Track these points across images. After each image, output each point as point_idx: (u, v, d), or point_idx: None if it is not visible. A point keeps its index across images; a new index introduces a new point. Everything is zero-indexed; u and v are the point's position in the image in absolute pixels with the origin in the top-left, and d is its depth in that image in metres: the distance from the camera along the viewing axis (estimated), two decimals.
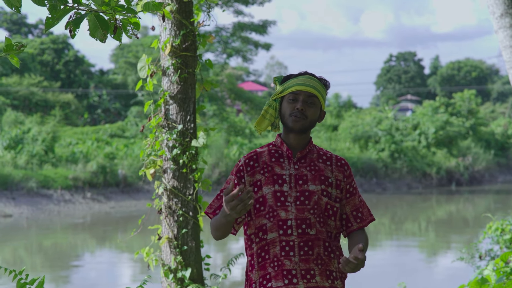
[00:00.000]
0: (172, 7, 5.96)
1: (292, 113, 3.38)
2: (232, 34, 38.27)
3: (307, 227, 3.34)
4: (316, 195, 3.37)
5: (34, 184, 27.09)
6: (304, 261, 3.33)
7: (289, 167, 3.41)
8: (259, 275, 3.38)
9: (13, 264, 17.53)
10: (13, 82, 45.84)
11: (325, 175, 3.42)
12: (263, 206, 3.37)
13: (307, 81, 3.42)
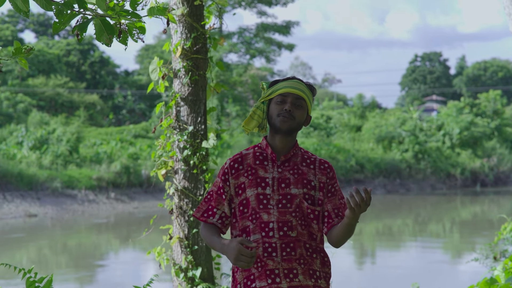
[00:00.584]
0: (183, 10, 6.05)
1: (280, 114, 3.43)
2: (256, 35, 38.38)
3: (288, 229, 3.39)
4: (298, 198, 3.43)
5: (58, 184, 27.35)
6: (286, 261, 3.39)
7: (272, 170, 3.46)
8: (243, 276, 3.44)
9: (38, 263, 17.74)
10: (39, 83, 46.29)
11: (308, 178, 3.47)
12: (246, 208, 3.44)
13: (295, 84, 3.49)
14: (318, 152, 35.90)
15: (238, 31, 38.73)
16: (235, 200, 3.48)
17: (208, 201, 3.52)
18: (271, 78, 75.33)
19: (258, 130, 3.59)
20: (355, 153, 37.05)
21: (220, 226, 3.50)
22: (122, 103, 50.15)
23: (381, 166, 36.77)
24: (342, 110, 48.05)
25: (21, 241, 20.99)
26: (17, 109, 42.31)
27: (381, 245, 20.15)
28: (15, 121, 39.60)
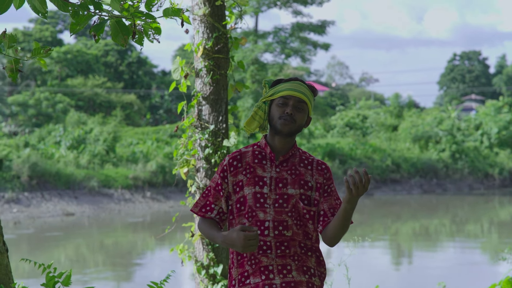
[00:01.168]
0: (204, 10, 6.14)
1: (282, 117, 3.46)
2: (291, 35, 38.41)
3: (283, 229, 3.43)
4: (294, 198, 3.46)
5: (95, 184, 27.67)
6: (280, 258, 3.44)
7: (270, 170, 3.49)
8: (238, 272, 3.49)
9: (76, 261, 17.99)
10: (78, 83, 46.88)
11: (305, 179, 3.51)
12: (243, 206, 3.48)
13: (297, 86, 3.52)
14: (354, 152, 35.79)
15: (274, 30, 38.78)
16: (233, 197, 3.52)
17: (206, 197, 3.55)
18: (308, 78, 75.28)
19: (259, 131, 3.63)
20: (391, 152, 36.86)
21: (218, 221, 3.54)
22: (159, 103, 50.54)
23: (417, 166, 36.51)
24: (379, 110, 47.82)
25: (58, 240, 21.28)
26: (56, 109, 42.92)
27: (418, 246, 20.05)
28: (54, 121, 40.16)
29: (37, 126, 39.89)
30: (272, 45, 38.08)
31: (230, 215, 3.54)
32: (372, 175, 34.53)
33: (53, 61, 48.17)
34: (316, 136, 41.06)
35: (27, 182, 26.71)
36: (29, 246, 20.49)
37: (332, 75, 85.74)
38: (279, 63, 38.66)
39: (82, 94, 45.96)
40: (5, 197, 25.80)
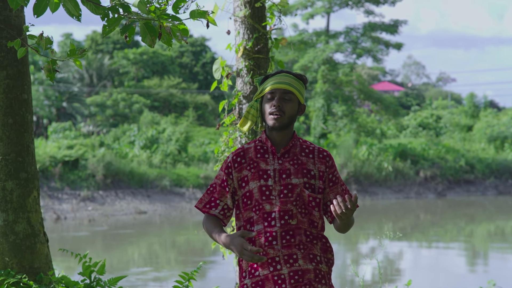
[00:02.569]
0: (245, 12, 6.33)
1: (271, 112, 3.56)
2: (362, 34, 38.26)
3: (289, 217, 3.53)
4: (298, 187, 3.55)
5: (167, 183, 28.17)
6: (286, 248, 3.52)
7: (273, 162, 3.58)
8: (248, 265, 3.58)
9: (149, 259, 18.43)
10: (153, 84, 47.71)
11: (307, 168, 3.60)
12: (250, 200, 3.57)
13: (282, 79, 3.60)
14: (426, 152, 35.40)
15: (345, 30, 38.69)
16: (238, 193, 3.61)
17: (211, 193, 3.64)
18: (383, 77, 74.67)
19: (256, 128, 3.75)
20: (465, 153, 36.30)
21: (221, 217, 3.63)
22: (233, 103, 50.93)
23: (492, 166, 35.86)
24: (454, 110, 47.14)
25: (131, 237, 21.78)
26: (133, 109, 43.79)
27: (493, 248, 19.80)
28: (130, 121, 41.02)
29: (114, 126, 40.82)
30: (344, 45, 38.00)
31: (237, 210, 3.64)
32: (444, 176, 34.27)
33: (130, 63, 49.20)
34: (388, 136, 40.74)
35: (101, 180, 27.38)
36: (103, 243, 21.04)
37: (408, 75, 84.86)
38: (350, 63, 38.55)
39: (157, 94, 46.76)
40: (80, 195, 26.52)
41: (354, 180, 32.27)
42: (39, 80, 42.89)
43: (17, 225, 4.90)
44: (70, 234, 22.31)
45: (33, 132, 5.02)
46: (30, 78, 5.03)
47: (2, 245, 4.88)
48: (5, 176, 4.88)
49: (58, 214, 25.17)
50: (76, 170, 27.33)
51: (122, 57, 49.40)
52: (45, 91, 42.21)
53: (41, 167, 26.54)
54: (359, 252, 18.80)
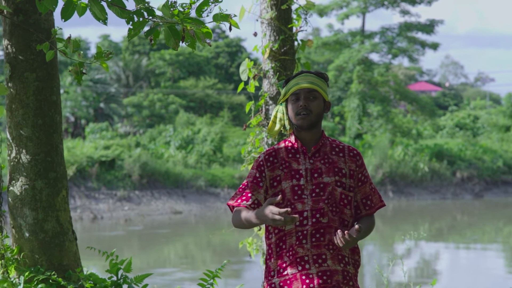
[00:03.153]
0: (271, 14, 6.41)
1: (298, 113, 3.62)
2: (398, 34, 38.11)
3: (320, 216, 3.56)
4: (330, 186, 3.59)
5: (202, 183, 28.34)
6: (315, 247, 3.56)
7: (304, 162, 3.63)
8: (277, 264, 3.61)
9: (184, 258, 18.59)
10: (189, 84, 47.98)
11: (339, 166, 3.64)
12: (282, 200, 3.56)
13: (304, 78, 3.66)
14: (463, 153, 35.14)
15: (381, 30, 38.56)
16: (269, 192, 3.64)
17: (243, 190, 3.65)
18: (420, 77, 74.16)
19: (284, 131, 3.81)
20: (502, 154, 35.94)
21: (251, 209, 3.59)
22: None
23: None
24: (492, 110, 46.68)
25: (167, 237, 21.96)
26: (169, 110, 44.08)
27: None
28: (166, 121, 41.31)
29: (151, 126, 41.13)
30: (379, 45, 37.88)
31: None
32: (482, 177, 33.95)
33: (166, 63, 49.54)
34: (424, 136, 40.47)
35: (137, 181, 27.63)
36: (139, 242, 21.26)
37: (445, 75, 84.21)
38: (385, 63, 38.40)
39: (193, 95, 47.02)
40: (117, 195, 26.79)
41: (390, 181, 32.15)
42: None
43: (46, 223, 5.03)
44: (107, 234, 22.57)
45: (62, 132, 5.15)
46: (59, 80, 5.16)
47: (32, 243, 5.02)
48: (35, 176, 5.02)
49: (95, 213, 25.48)
50: (113, 170, 27.63)
51: (158, 58, 49.77)
52: (83, 92, 42.70)
53: (78, 167, 26.87)
54: (394, 253, 18.75)
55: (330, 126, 37.98)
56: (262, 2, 6.51)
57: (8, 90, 5.05)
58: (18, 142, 5.03)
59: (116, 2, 4.11)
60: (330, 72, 39.93)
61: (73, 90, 42.59)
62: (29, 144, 5.02)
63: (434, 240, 21.43)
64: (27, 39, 5.02)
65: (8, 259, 4.97)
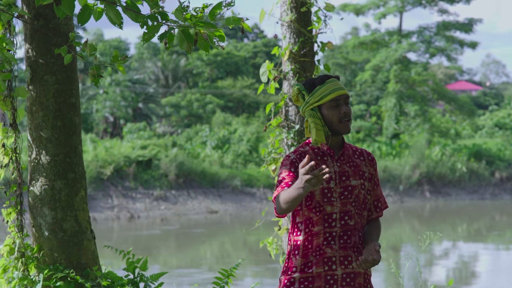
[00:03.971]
0: (291, 16, 6.49)
1: (342, 119, 3.62)
2: (436, 34, 37.85)
3: (348, 218, 3.63)
4: (357, 189, 3.66)
5: (238, 183, 28.46)
6: (343, 249, 3.62)
7: (333, 165, 3.66)
8: (302, 262, 3.65)
9: (221, 257, 18.74)
10: (227, 84, 48.18)
11: (362, 170, 3.71)
12: (310, 201, 3.62)
13: (339, 84, 3.68)
14: (502, 153, 34.79)
15: (418, 30, 38.33)
16: None
17: (281, 181, 3.58)
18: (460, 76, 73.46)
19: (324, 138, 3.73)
20: None
21: None
22: None
23: None
24: None
25: (203, 236, 22.13)
26: (206, 110, 44.31)
27: None
28: (204, 121, 41.54)
29: (189, 126, 41.38)
30: (416, 45, 37.66)
31: (301, 205, 3.66)
32: None
33: (204, 64, 49.81)
34: (463, 136, 40.15)
35: (174, 180, 27.84)
36: (176, 242, 21.46)
37: (486, 74, 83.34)
38: (423, 63, 38.17)
39: (231, 95, 47.20)
40: (153, 194, 27.03)
41: (427, 181, 31.97)
42: (116, 82, 43.85)
43: (65, 222, 5.16)
44: (143, 233, 22.81)
45: (81, 134, 5.27)
46: (78, 83, 5.29)
47: (51, 241, 5.16)
48: (54, 176, 5.15)
49: (131, 213, 25.75)
50: (150, 170, 27.89)
51: (196, 58, 50.04)
52: (121, 92, 43.12)
53: (116, 167, 27.18)
54: (432, 254, 18.70)
55: (367, 126, 37.81)
56: (282, 5, 6.59)
57: (29, 93, 5.19)
58: (38, 143, 5.17)
59: (130, 7, 4.21)
60: (367, 71, 39.82)
61: (112, 90, 43.04)
62: (49, 145, 5.16)
63: (472, 241, 21.30)
64: (47, 43, 5.16)
65: (28, 257, 5.11)
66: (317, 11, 6.59)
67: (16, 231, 5.14)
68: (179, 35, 4.26)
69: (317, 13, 6.61)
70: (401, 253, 18.34)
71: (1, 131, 5.13)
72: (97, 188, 26.47)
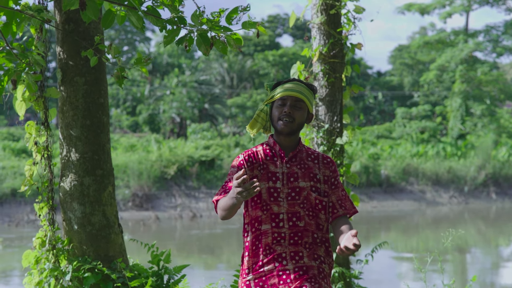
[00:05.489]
0: (321, 19, 6.63)
1: (281, 117, 3.69)
2: (504, 33, 37.25)
3: (297, 219, 3.67)
4: (305, 191, 3.69)
5: None
6: (293, 245, 3.67)
7: (281, 166, 3.72)
8: (252, 262, 3.71)
9: None
10: None
11: (314, 172, 3.74)
12: (259, 200, 3.68)
13: (294, 87, 3.75)
14: None
15: (485, 29, 37.77)
16: None
17: (225, 186, 3.67)
18: None
19: (263, 131, 3.88)
20: None
21: None
22: (373, 104, 50.81)
23: None
24: None
25: None
26: None
27: None
28: None
29: None
30: (483, 44, 37.13)
31: (245, 207, 3.76)
32: None
33: (270, 64, 50.03)
34: None
35: None
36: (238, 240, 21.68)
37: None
38: (490, 62, 37.59)
39: None
40: None
41: (493, 182, 31.48)
42: (182, 83, 44.48)
43: (93, 217, 5.42)
44: (205, 232, 23.10)
45: (109, 132, 5.52)
46: (106, 84, 5.54)
47: (80, 235, 5.42)
48: (83, 173, 5.42)
49: (194, 212, 26.11)
50: (212, 170, 28.21)
51: (262, 58, 50.30)
52: (188, 93, 43.71)
53: (179, 166, 27.60)
54: (499, 256, 18.51)
55: (431, 126, 37.42)
56: (313, 8, 6.74)
57: (60, 93, 5.48)
58: (68, 141, 5.45)
59: (151, 12, 4.41)
60: (432, 71, 39.42)
61: (179, 91, 43.65)
62: (78, 143, 5.43)
63: None
64: (77, 46, 5.43)
65: (59, 249, 5.39)
66: (346, 13, 6.71)
67: (47, 225, 5.42)
68: (197, 38, 4.43)
69: (347, 16, 6.74)
70: (467, 255, 18.18)
71: (34, 129, 5.41)
72: (161, 187, 26.92)
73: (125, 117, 46.52)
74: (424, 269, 5.76)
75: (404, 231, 23.18)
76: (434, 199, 29.97)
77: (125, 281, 5.26)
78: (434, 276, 13.09)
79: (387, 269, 15.27)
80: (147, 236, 20.65)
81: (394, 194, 29.75)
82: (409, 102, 49.71)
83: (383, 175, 30.13)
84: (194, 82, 44.84)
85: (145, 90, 46.38)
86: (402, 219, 26.21)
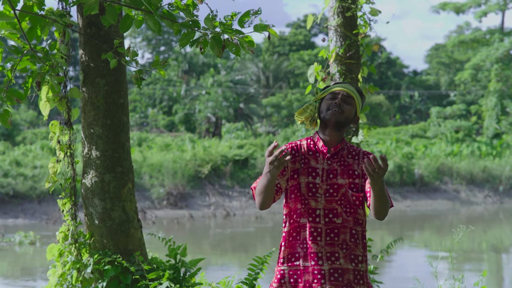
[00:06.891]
0: (337, 21, 6.81)
1: (330, 107, 3.76)
2: None
3: (333, 216, 3.71)
4: (343, 188, 3.74)
5: None
6: (329, 245, 3.70)
7: (322, 162, 3.77)
8: (288, 252, 3.76)
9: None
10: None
11: (353, 169, 3.77)
12: (299, 192, 3.75)
13: (346, 85, 3.86)
14: None
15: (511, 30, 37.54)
16: (289, 182, 3.78)
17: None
18: None
19: (309, 124, 3.95)
20: None
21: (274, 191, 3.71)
22: (409, 103, 50.64)
23: None
24: None
25: None
26: None
27: None
28: None
29: (288, 126, 41.82)
30: None
31: (286, 198, 3.83)
32: None
33: (305, 64, 50.15)
34: None
35: None
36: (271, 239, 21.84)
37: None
38: None
39: None
40: (249, 193, 27.43)
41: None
42: (218, 82, 44.78)
43: (113, 212, 5.67)
44: (239, 230, 23.27)
45: (129, 131, 5.77)
46: (126, 85, 5.79)
47: (101, 229, 5.67)
48: (104, 170, 5.67)
49: (227, 211, 26.31)
50: (246, 169, 28.39)
51: (297, 58, 50.43)
52: (223, 92, 44.01)
53: (213, 165, 27.84)
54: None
55: (467, 126, 37.23)
56: (330, 10, 6.92)
57: (82, 94, 5.73)
58: (90, 140, 5.70)
59: (167, 16, 4.62)
60: (467, 70, 39.23)
61: (214, 91, 43.96)
62: (99, 142, 5.68)
63: None
64: (98, 48, 5.67)
65: (81, 243, 5.65)
66: (361, 15, 6.88)
67: (70, 220, 5.68)
68: (211, 41, 4.63)
69: (363, 18, 6.90)
70: (502, 255, 18.14)
71: (58, 128, 5.68)
72: (195, 186, 27.19)
73: (161, 117, 46.99)
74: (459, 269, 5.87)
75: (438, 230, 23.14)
76: (469, 199, 29.86)
77: (143, 273, 5.50)
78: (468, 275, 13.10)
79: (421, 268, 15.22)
80: (181, 235, 20.91)
81: (428, 193, 29.68)
82: (446, 101, 49.47)
83: (417, 174, 30.06)
84: (229, 82, 45.13)
85: (181, 90, 46.79)
86: (436, 218, 26.15)
